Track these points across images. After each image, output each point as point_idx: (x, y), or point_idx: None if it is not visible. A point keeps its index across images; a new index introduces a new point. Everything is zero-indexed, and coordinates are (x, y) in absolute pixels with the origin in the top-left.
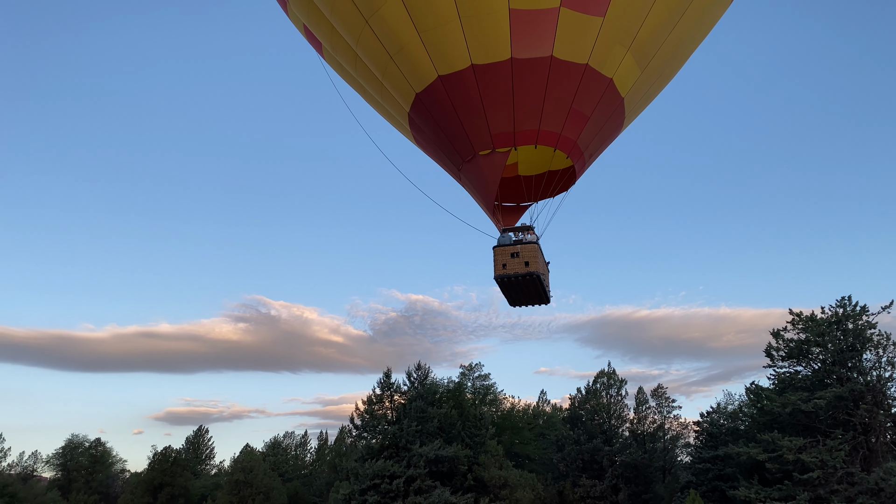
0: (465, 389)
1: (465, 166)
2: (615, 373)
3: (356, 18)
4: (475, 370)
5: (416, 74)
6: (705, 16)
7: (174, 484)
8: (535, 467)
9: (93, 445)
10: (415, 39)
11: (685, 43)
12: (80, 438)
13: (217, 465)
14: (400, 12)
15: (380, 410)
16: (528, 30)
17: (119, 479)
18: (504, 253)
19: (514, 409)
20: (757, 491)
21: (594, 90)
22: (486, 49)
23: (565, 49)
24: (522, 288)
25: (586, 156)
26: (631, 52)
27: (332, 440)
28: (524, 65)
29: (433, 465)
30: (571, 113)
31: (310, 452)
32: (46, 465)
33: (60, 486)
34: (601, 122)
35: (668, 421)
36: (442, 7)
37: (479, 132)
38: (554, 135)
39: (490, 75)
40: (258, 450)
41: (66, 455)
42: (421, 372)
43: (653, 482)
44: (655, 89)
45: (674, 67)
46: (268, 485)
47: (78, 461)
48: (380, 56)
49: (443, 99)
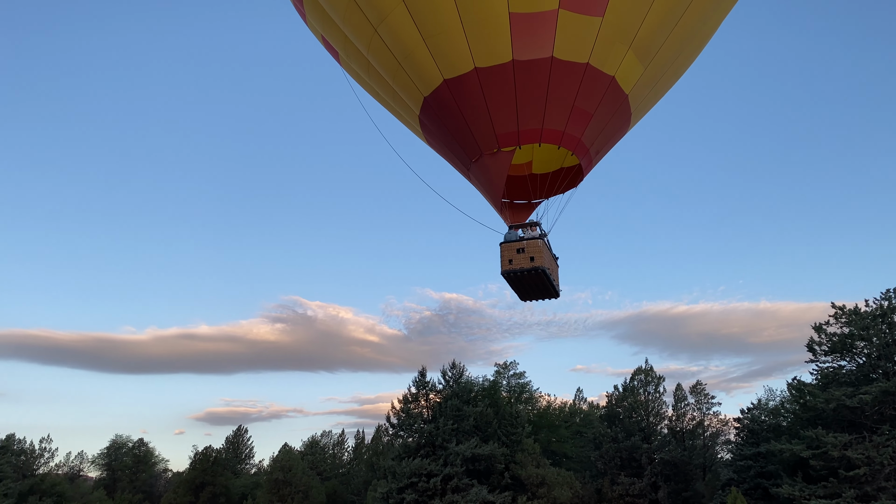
0: (500, 388)
1: (472, 165)
2: (653, 370)
3: (366, 27)
4: (510, 368)
5: (423, 79)
6: (710, 12)
7: (215, 483)
8: (572, 465)
9: (136, 446)
10: (420, 45)
11: (690, 39)
12: (124, 439)
13: (256, 464)
14: (405, 20)
15: (415, 409)
16: (527, 32)
17: (162, 478)
18: (510, 249)
19: (551, 408)
20: (801, 488)
21: (596, 88)
22: (487, 52)
23: (565, 49)
24: (529, 282)
25: (592, 152)
26: (632, 49)
27: (369, 439)
28: (525, 66)
29: (470, 464)
30: (574, 111)
31: (347, 451)
32: (92, 465)
33: (106, 485)
34: (605, 119)
35: (707, 418)
36: (445, 13)
37: (484, 132)
38: (557, 132)
39: (493, 77)
40: (296, 449)
41: (111, 455)
42: (456, 370)
43: (693, 480)
44: (663, 85)
45: (681, 63)
46: (306, 483)
47: (122, 461)
48: (389, 62)
49: (449, 101)
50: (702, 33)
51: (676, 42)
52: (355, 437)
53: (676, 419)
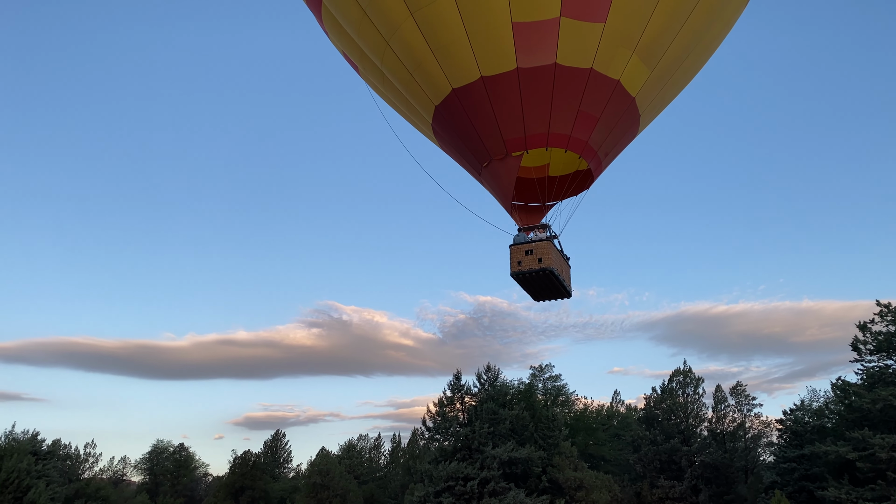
0: (536, 391)
1: (483, 170)
2: (691, 371)
3: (378, 41)
4: (545, 371)
5: (433, 89)
6: (717, 14)
7: (255, 487)
8: (610, 468)
9: (177, 450)
10: (429, 56)
11: (698, 41)
12: (165, 444)
13: (294, 468)
14: (414, 33)
15: (451, 412)
16: (530, 40)
17: (202, 482)
18: (519, 251)
19: (588, 410)
20: (848, 491)
21: (601, 92)
22: (493, 61)
23: (568, 55)
24: (540, 283)
25: (601, 154)
26: (636, 53)
27: (405, 442)
28: (529, 73)
29: (507, 467)
30: (580, 115)
31: (383, 455)
32: (135, 470)
33: (148, 489)
34: (613, 122)
35: (748, 419)
36: (450, 25)
37: (492, 138)
38: (564, 136)
39: (498, 85)
40: (333, 453)
41: (153, 460)
42: (491, 373)
43: (735, 482)
44: (672, 86)
45: (691, 64)
46: (344, 487)
47: (164, 465)
48: (401, 73)
49: (458, 110)
50: (710, 34)
51: (682, 44)
52: (391, 440)
53: (716, 421)
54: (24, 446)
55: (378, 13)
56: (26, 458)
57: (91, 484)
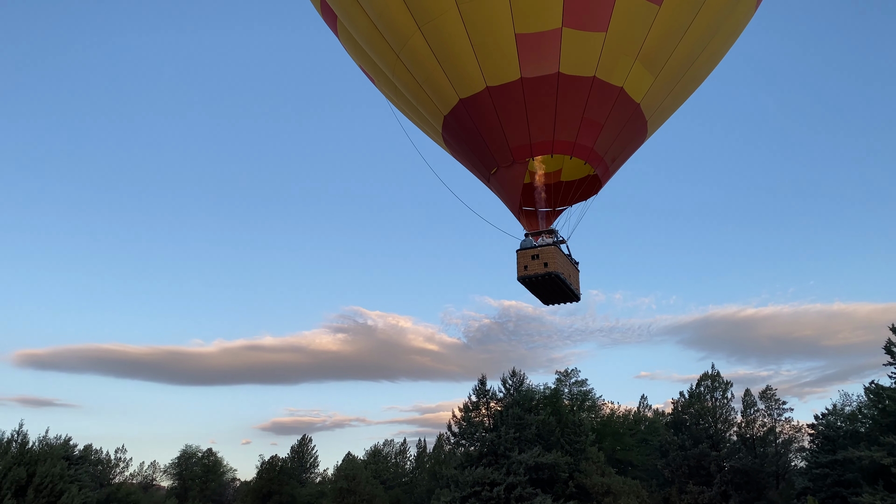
0: (561, 396)
1: (491, 177)
2: (719, 375)
3: (389, 54)
4: (571, 376)
5: (442, 99)
6: (722, 20)
7: (282, 492)
8: (638, 474)
9: (205, 455)
10: (437, 69)
11: (703, 46)
12: (194, 449)
13: (321, 473)
14: (422, 45)
15: (476, 418)
16: (533, 51)
17: (230, 487)
18: (525, 256)
19: (614, 415)
20: (883, 497)
21: (604, 99)
22: (497, 72)
23: (571, 64)
24: (546, 287)
25: (608, 160)
26: (639, 60)
27: (431, 447)
28: (533, 83)
29: (533, 473)
30: (584, 122)
31: (409, 460)
32: (164, 475)
33: (177, 494)
34: (618, 128)
35: (779, 424)
36: (456, 38)
37: (499, 146)
38: (569, 143)
39: (503, 95)
40: (359, 458)
41: (182, 465)
42: (516, 378)
43: (765, 488)
44: (679, 92)
45: (698, 69)
46: (370, 492)
47: (192, 470)
48: (412, 85)
49: (465, 119)
50: (717, 41)
51: (686, 51)
52: (417, 445)
53: (746, 426)
54: (57, 451)
55: (387, 28)
56: (59, 463)
57: (122, 488)
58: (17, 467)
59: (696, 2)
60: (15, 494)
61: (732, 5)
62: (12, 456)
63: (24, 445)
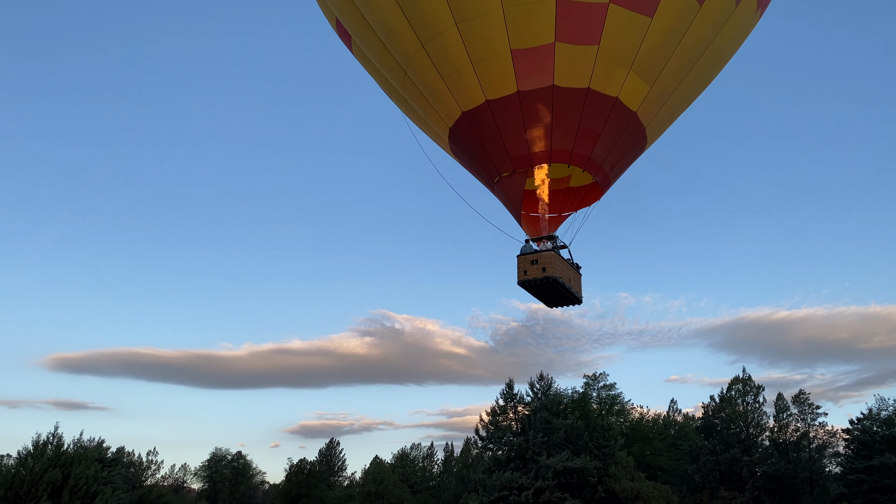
0: (590, 400)
1: (495, 186)
2: (751, 379)
3: (397, 70)
4: (599, 380)
5: (447, 112)
6: (717, 28)
7: (310, 495)
8: (668, 479)
9: (235, 458)
10: (440, 84)
11: (699, 54)
12: (224, 452)
13: (349, 476)
14: (426, 62)
15: (504, 422)
16: (529, 65)
17: (259, 490)
18: (525, 261)
19: (644, 419)
20: None
21: (600, 109)
22: (495, 85)
23: (565, 77)
24: (547, 291)
25: (606, 167)
26: (633, 70)
27: (458, 451)
28: (530, 95)
29: (561, 477)
30: (581, 131)
31: (436, 464)
32: (194, 477)
33: (208, 496)
34: (615, 137)
35: (812, 429)
36: (456, 54)
37: (500, 157)
38: (566, 152)
39: (502, 107)
40: (387, 461)
41: (212, 467)
42: (543, 382)
43: (799, 494)
44: (680, 98)
45: (696, 77)
46: (398, 496)
47: (222, 473)
48: (419, 98)
49: (469, 131)
50: (715, 48)
51: (683, 59)
52: (444, 449)
53: (778, 430)
54: (91, 453)
55: (394, 45)
56: (94, 465)
57: (154, 490)
58: (52, 469)
59: (689, 12)
60: (51, 496)
61: (727, 14)
62: (48, 458)
63: (59, 448)
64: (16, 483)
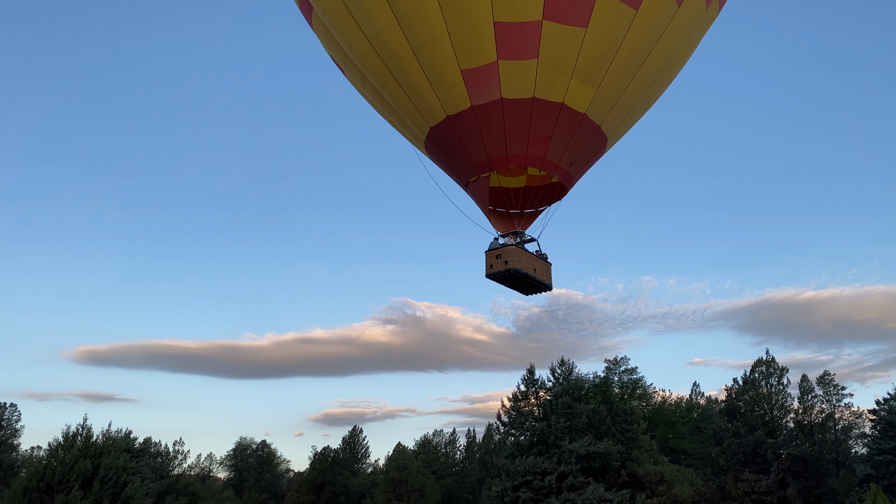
0: (611, 384)
1: (467, 190)
2: (774, 360)
3: (374, 92)
4: (621, 364)
5: (418, 125)
6: (662, 29)
7: (335, 482)
8: (692, 462)
9: (259, 447)
10: (408, 102)
11: (648, 55)
12: (248, 441)
13: (372, 463)
14: (395, 86)
15: (526, 407)
16: (477, 82)
17: (284, 478)
18: (491, 255)
19: (666, 403)
20: None
21: (547, 115)
22: (452, 102)
23: (511, 89)
24: (513, 281)
25: (565, 165)
26: (575, 77)
27: (481, 437)
28: (482, 109)
29: (584, 462)
30: (532, 136)
31: (459, 450)
32: (220, 466)
33: (234, 485)
34: (567, 138)
35: (838, 410)
36: (414, 76)
37: (465, 165)
38: (521, 156)
39: (460, 121)
40: (410, 448)
41: (237, 456)
42: (565, 367)
43: (825, 476)
44: (632, 96)
45: (647, 74)
46: (422, 482)
47: (247, 462)
48: (393, 115)
49: (436, 143)
50: (664, 46)
51: (627, 62)
52: (466, 435)
53: (803, 412)
54: (120, 444)
55: (369, 70)
56: (122, 456)
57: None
58: (83, 460)
59: (624, 18)
60: (82, 486)
61: (669, 14)
62: (78, 449)
63: (88, 439)
64: (47, 474)
